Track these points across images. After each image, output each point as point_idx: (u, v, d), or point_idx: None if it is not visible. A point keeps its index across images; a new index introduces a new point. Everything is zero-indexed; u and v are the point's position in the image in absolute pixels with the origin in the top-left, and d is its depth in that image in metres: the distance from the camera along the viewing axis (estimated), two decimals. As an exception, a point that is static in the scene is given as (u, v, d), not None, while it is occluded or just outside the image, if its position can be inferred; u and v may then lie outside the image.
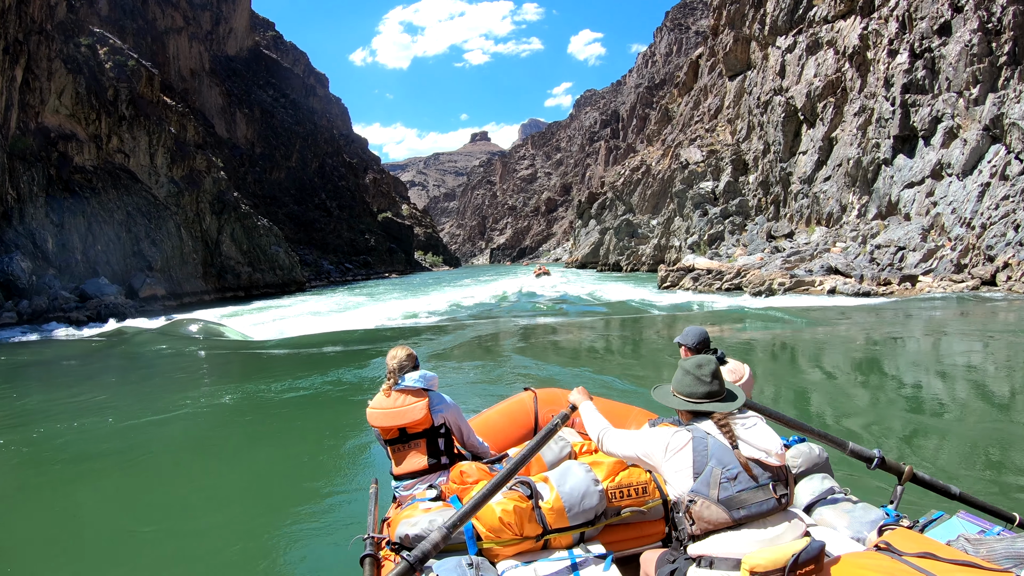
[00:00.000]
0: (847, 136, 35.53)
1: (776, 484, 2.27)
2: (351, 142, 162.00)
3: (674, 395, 2.54)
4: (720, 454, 2.28)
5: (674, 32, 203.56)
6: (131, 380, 13.69)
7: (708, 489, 2.23)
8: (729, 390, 2.53)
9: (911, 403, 8.66)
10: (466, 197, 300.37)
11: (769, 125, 44.52)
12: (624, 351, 15.67)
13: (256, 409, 10.03)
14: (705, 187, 51.14)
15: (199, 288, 44.97)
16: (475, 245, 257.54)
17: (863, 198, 33.39)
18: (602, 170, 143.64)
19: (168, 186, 45.21)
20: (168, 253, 43.15)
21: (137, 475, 7.26)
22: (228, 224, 48.29)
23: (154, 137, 45.13)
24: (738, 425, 2.39)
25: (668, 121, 76.81)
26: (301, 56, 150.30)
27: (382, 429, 3.51)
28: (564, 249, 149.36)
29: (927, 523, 2.62)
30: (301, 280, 54.40)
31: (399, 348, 3.70)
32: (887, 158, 31.77)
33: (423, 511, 2.99)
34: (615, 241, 69.74)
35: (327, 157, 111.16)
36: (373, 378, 11.86)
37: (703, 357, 2.56)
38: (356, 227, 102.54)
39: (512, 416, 4.29)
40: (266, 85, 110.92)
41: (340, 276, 78.75)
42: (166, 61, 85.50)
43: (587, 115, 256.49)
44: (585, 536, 2.83)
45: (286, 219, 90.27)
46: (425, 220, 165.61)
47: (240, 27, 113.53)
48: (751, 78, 51.05)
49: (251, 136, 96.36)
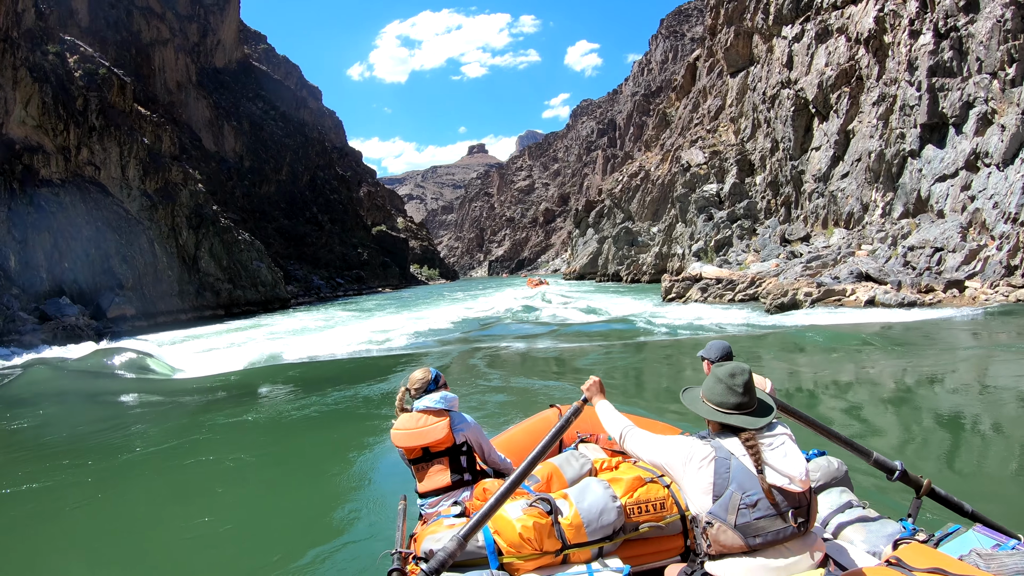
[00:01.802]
0: (866, 128, 32.56)
1: (797, 511, 2.21)
2: (345, 155, 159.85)
3: (703, 401, 2.46)
4: (742, 479, 2.21)
5: (669, 39, 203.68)
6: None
7: (726, 514, 2.19)
8: (761, 401, 2.43)
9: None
10: (464, 210, 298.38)
11: (777, 121, 41.57)
12: (629, 386, 12.82)
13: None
14: (709, 190, 48.16)
15: (175, 307, 42.21)
16: (473, 257, 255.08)
17: (887, 195, 30.32)
18: (600, 179, 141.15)
19: (141, 199, 42.55)
20: (140, 270, 40.43)
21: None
22: (206, 239, 45.56)
23: (125, 148, 42.52)
24: (765, 446, 2.28)
25: (666, 126, 74.04)
26: (294, 69, 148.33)
27: (406, 449, 3.61)
28: (562, 260, 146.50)
29: (942, 537, 2.60)
30: (285, 297, 51.53)
31: (420, 370, 3.80)
32: (914, 149, 28.71)
33: (447, 527, 3.07)
34: (614, 250, 66.57)
35: (319, 170, 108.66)
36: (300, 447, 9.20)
37: (737, 365, 2.44)
38: (348, 241, 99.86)
39: (536, 433, 4.30)
40: (255, 98, 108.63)
41: (331, 292, 75.72)
42: (151, 73, 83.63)
43: (584, 125, 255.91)
44: (604, 551, 2.87)
45: (276, 234, 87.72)
46: (421, 233, 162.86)
47: (228, 39, 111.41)
48: (754, 73, 48.16)
49: (240, 149, 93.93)
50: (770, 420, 2.36)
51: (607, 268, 68.14)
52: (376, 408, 10.80)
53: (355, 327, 28.25)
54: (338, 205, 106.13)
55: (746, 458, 2.24)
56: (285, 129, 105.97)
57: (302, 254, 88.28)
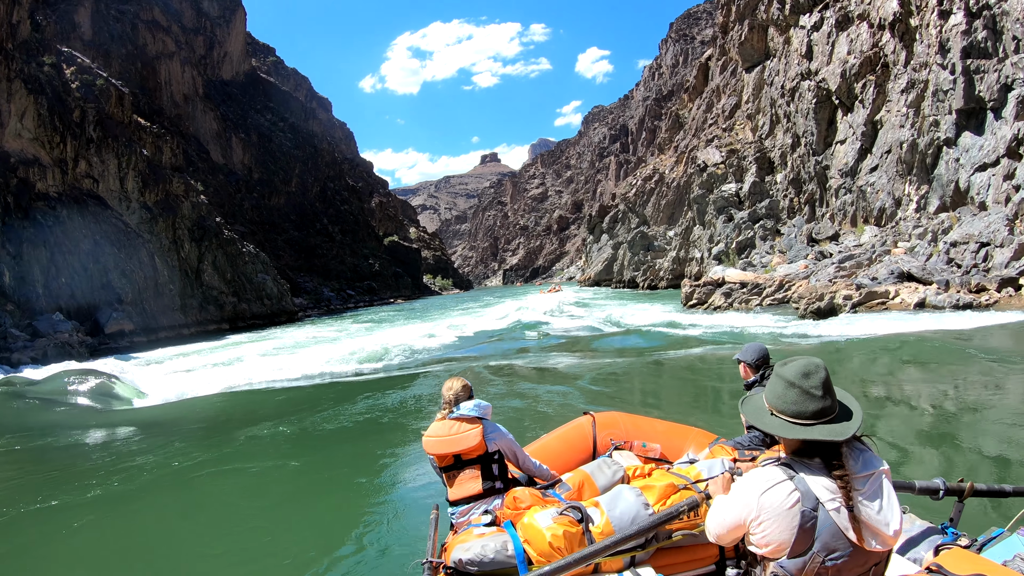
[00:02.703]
0: (895, 117, 30.34)
1: (876, 568, 1.93)
2: (356, 166, 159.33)
3: (773, 415, 2.03)
4: (828, 537, 1.85)
5: (679, 43, 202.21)
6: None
7: (800, 572, 1.88)
8: (843, 404, 2.01)
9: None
10: (477, 219, 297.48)
11: (798, 115, 39.38)
12: (654, 395, 11.16)
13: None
14: (728, 190, 46.00)
15: (177, 321, 40.98)
16: (488, 267, 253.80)
17: (921, 188, 28.07)
18: (613, 185, 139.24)
19: (140, 212, 41.44)
20: (140, 284, 39.25)
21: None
22: (209, 251, 44.37)
23: (124, 160, 41.46)
24: (859, 494, 1.87)
25: (679, 128, 72.00)
26: (303, 81, 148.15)
27: (437, 456, 3.55)
28: (577, 267, 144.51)
29: (986, 542, 2.52)
30: (292, 309, 50.17)
31: (454, 379, 3.73)
32: (949, 137, 26.47)
33: (477, 536, 3.01)
34: (629, 256, 64.35)
35: (329, 181, 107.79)
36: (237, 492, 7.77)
37: (809, 361, 2.02)
38: (360, 252, 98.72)
39: (570, 441, 4.17)
40: (264, 109, 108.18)
41: (341, 304, 74.40)
42: (158, 86, 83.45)
43: (596, 131, 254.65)
44: (636, 560, 2.79)
45: (286, 246, 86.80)
46: (434, 243, 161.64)
47: (235, 51, 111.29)
48: (771, 67, 45.99)
49: (248, 161, 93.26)
50: (857, 426, 1.94)
51: (623, 274, 66.04)
52: (374, 439, 9.26)
53: (355, 342, 26.59)
54: (349, 216, 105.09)
55: (839, 513, 1.84)
56: (294, 140, 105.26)
57: (313, 266, 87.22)
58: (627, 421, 3.84)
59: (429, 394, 12.42)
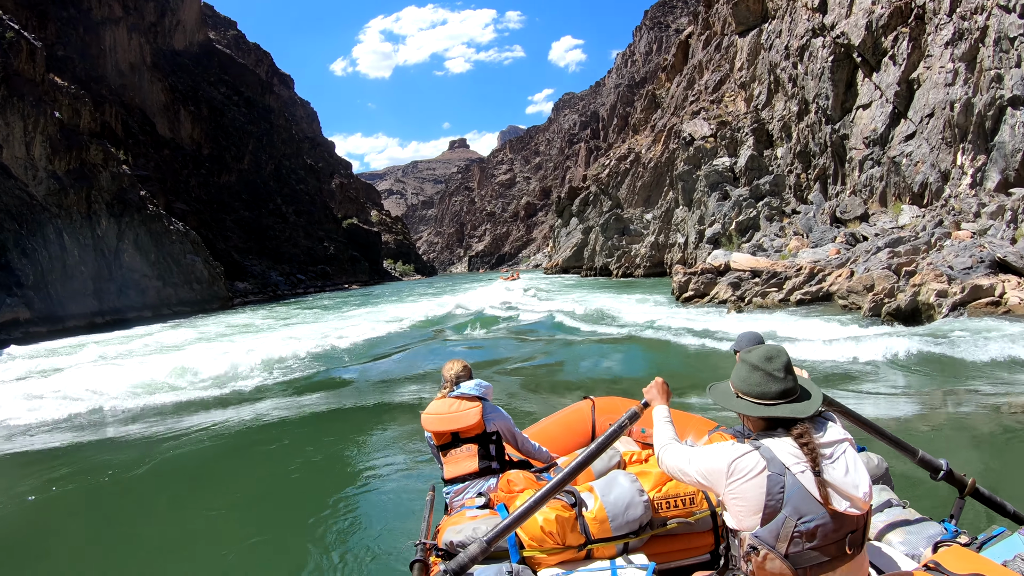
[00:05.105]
0: (939, 75, 25.73)
1: (853, 535, 1.93)
2: (317, 145, 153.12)
3: (738, 396, 2.12)
4: (798, 501, 1.89)
5: (654, 31, 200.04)
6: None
7: (775, 541, 1.90)
8: (803, 387, 2.10)
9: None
10: (444, 204, 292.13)
11: (807, 77, 34.76)
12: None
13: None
14: (720, 165, 41.65)
15: (89, 308, 36.05)
16: (453, 253, 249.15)
17: (977, 158, 23.35)
18: (582, 171, 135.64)
19: (48, 182, 36.30)
20: (44, 266, 34.24)
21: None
22: (130, 229, 39.37)
23: (30, 122, 36.22)
24: (824, 459, 1.93)
25: (656, 108, 68.21)
26: (265, 56, 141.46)
27: (435, 433, 3.52)
28: (544, 255, 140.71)
29: (986, 540, 2.43)
30: (226, 295, 45.33)
31: (455, 361, 3.70)
32: (1017, 96, 21.75)
33: (470, 518, 2.97)
34: (602, 240, 59.90)
35: (285, 159, 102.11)
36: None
37: (772, 347, 2.14)
38: (315, 235, 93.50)
39: (569, 425, 4.18)
40: (218, 82, 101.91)
41: (289, 289, 69.39)
42: (101, 54, 77.35)
43: (566, 118, 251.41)
44: (629, 547, 2.75)
45: (235, 226, 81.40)
46: (396, 227, 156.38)
47: (189, 20, 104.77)
48: (770, 29, 41.69)
49: (197, 136, 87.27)
50: (818, 405, 2.04)
51: (594, 260, 61.69)
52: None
53: (278, 335, 22.25)
54: (305, 196, 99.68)
55: (805, 475, 1.91)
56: (248, 115, 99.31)
57: (263, 248, 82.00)
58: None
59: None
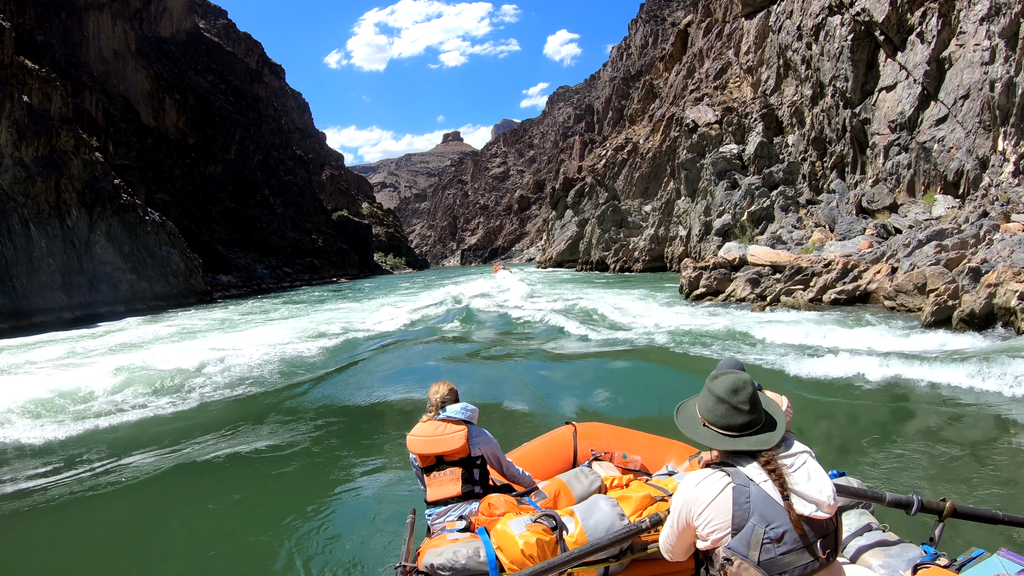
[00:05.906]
0: (974, 52, 23.92)
1: (824, 540, 1.98)
2: (308, 137, 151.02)
3: (705, 426, 2.17)
4: (764, 508, 1.95)
5: (649, 24, 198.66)
6: None
7: (747, 550, 1.94)
8: (768, 415, 2.13)
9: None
10: (437, 197, 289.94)
11: (823, 59, 32.74)
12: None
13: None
14: (727, 152, 39.49)
15: (58, 303, 34.32)
16: (446, 246, 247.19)
17: (1021, 143, 21.40)
18: (577, 164, 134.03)
19: (14, 170, 34.47)
20: (9, 258, 32.46)
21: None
22: (103, 219, 37.63)
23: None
24: (786, 468, 2.02)
25: (654, 98, 66.49)
26: (255, 46, 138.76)
27: (420, 456, 3.50)
28: (537, 248, 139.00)
29: (965, 562, 2.46)
30: (204, 289, 43.61)
31: (440, 384, 3.69)
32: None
33: (450, 541, 2.98)
34: (599, 233, 57.46)
35: (273, 149, 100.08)
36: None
37: (738, 378, 2.14)
38: (303, 227, 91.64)
39: (551, 449, 4.16)
40: (205, 71, 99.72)
41: (275, 282, 67.59)
42: (83, 40, 75.32)
43: (560, 111, 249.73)
44: (610, 571, 2.76)
45: (220, 217, 79.51)
46: (387, 219, 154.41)
47: (177, 7, 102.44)
48: (779, 11, 39.75)
49: (183, 125, 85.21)
50: (782, 435, 2.09)
51: (590, 254, 59.33)
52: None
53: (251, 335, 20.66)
54: (293, 187, 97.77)
55: (767, 484, 1.98)
56: (236, 105, 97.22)
57: (249, 240, 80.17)
58: (609, 432, 3.77)
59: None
